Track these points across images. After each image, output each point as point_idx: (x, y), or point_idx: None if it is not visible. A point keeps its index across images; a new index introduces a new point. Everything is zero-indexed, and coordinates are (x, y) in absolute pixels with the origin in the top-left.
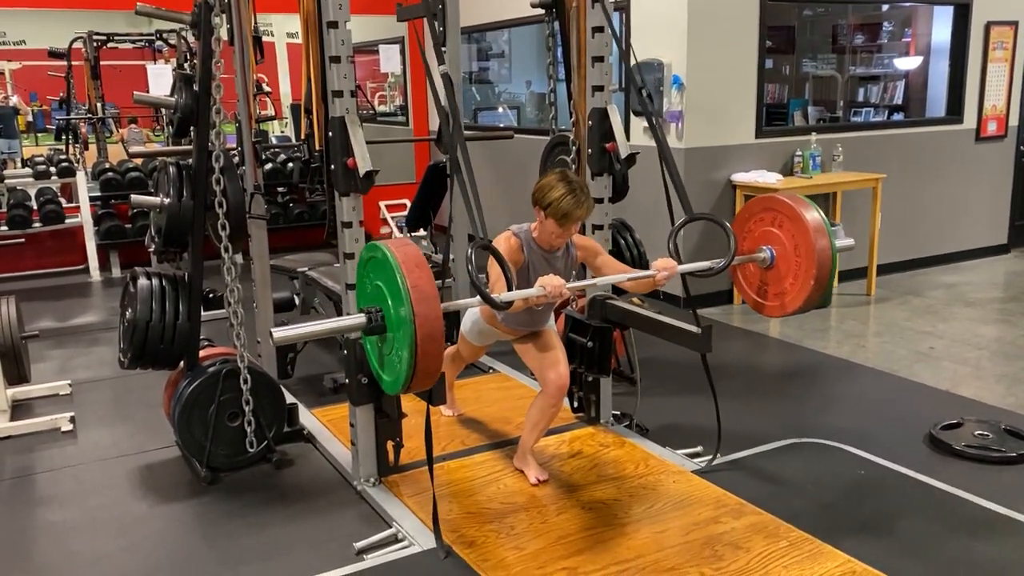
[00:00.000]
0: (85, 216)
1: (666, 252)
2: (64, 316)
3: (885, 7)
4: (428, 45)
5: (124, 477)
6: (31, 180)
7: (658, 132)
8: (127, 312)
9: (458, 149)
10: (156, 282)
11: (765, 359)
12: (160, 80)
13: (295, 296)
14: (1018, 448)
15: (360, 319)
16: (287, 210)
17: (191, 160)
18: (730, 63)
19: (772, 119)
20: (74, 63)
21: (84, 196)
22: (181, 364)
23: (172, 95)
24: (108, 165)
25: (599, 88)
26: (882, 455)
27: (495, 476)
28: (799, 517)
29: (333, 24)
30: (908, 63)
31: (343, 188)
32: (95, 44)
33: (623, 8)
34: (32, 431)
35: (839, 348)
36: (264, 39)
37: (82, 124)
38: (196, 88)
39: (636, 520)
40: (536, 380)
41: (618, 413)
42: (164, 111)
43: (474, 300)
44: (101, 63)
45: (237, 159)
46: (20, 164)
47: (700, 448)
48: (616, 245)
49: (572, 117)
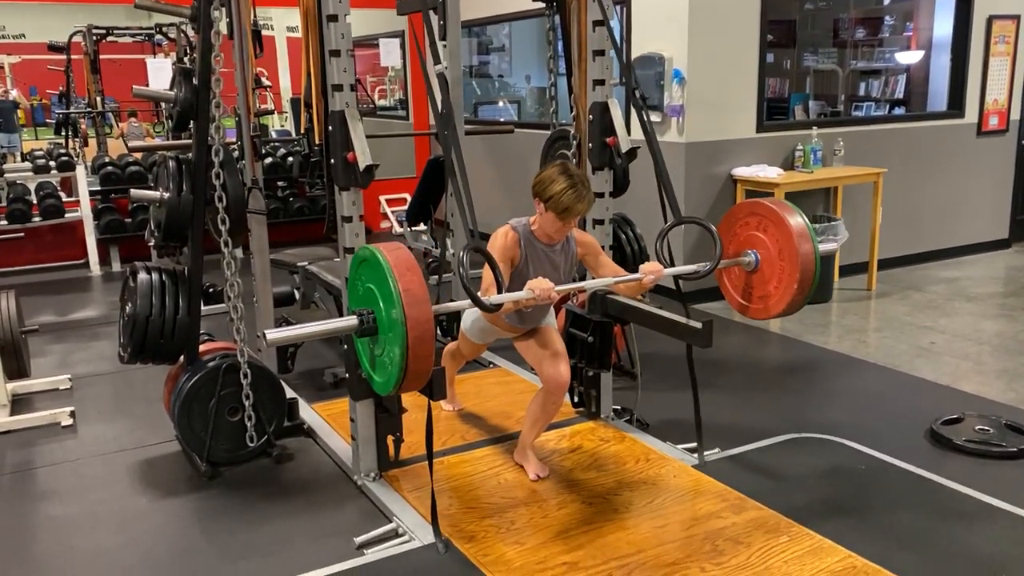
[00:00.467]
0: (85, 210)
1: (668, 246)
2: (64, 310)
3: (887, 1)
4: (426, 43)
5: (124, 472)
6: (31, 174)
7: (650, 130)
8: (127, 306)
9: (452, 151)
10: (156, 276)
11: (766, 354)
12: (160, 74)
13: (295, 291)
14: (1019, 443)
15: (352, 321)
16: (287, 204)
17: (191, 154)
18: (731, 57)
19: (773, 113)
20: (74, 57)
21: (84, 190)
22: (181, 359)
23: (171, 89)
24: (108, 159)
25: (600, 82)
26: (883, 450)
27: (495, 471)
28: (800, 512)
29: (333, 17)
30: (909, 57)
31: (343, 182)
32: (95, 38)
33: (623, 2)
34: (32, 426)
35: (840, 343)
36: (264, 33)
37: (81, 120)
38: (195, 82)
39: (636, 515)
40: (536, 375)
41: (618, 408)
42: (164, 105)
43: (465, 303)
44: (101, 57)
45: (237, 153)
46: (20, 158)
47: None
48: (617, 240)
49: (573, 111)
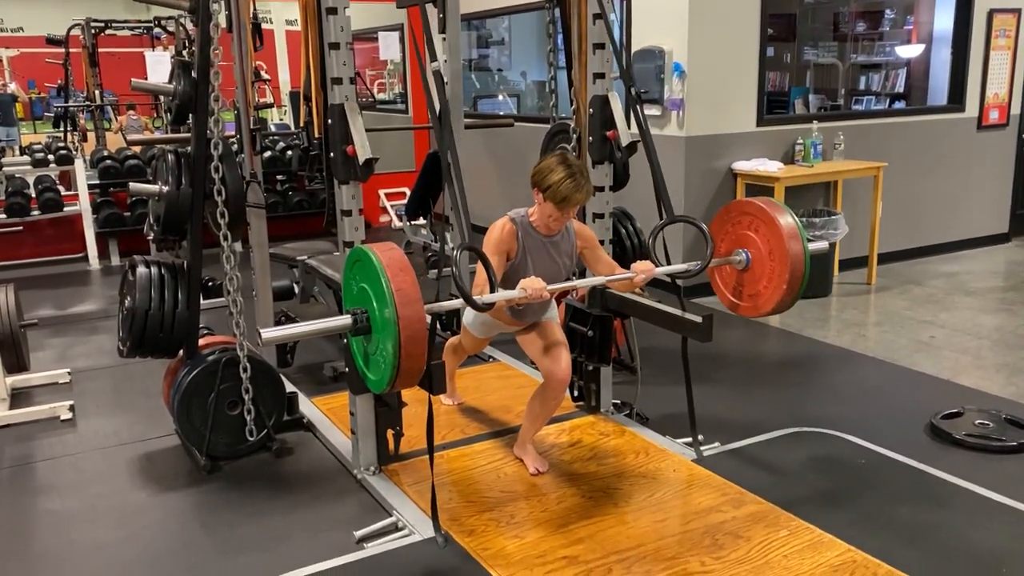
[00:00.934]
0: (84, 204)
1: (664, 244)
2: (63, 304)
3: None
4: (425, 41)
5: (123, 466)
6: (29, 168)
7: (645, 128)
8: (126, 300)
9: (448, 154)
10: (155, 270)
11: (765, 348)
12: (158, 67)
13: (295, 284)
14: (1018, 437)
15: (346, 320)
16: (286, 198)
17: (189, 148)
18: (731, 51)
19: (773, 107)
20: (72, 50)
21: (83, 184)
22: (180, 353)
23: (170, 82)
24: (107, 153)
25: (600, 75)
26: (882, 444)
27: (495, 465)
28: (799, 506)
29: (332, 10)
30: (910, 51)
31: (342, 176)
32: (93, 31)
33: None
34: (31, 419)
35: (840, 337)
36: (263, 26)
37: (80, 115)
38: (194, 75)
39: (636, 509)
40: (536, 369)
41: (618, 402)
42: (163, 99)
43: (457, 303)
44: (99, 50)
45: (236, 147)
46: (18, 152)
47: (701, 437)
48: (617, 234)
49: (573, 105)
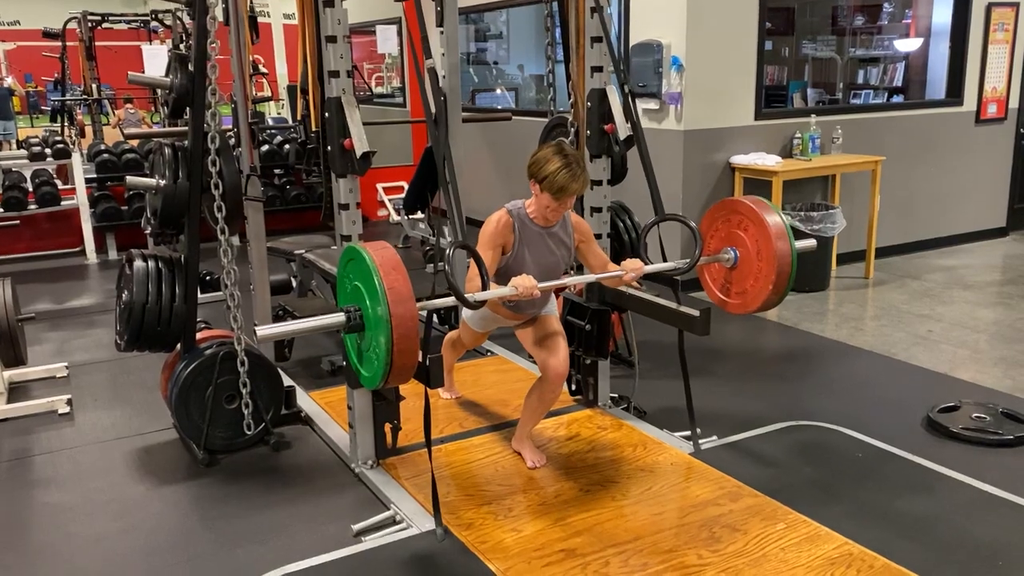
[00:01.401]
0: (81, 198)
1: (660, 240)
2: (60, 298)
3: None
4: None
5: (121, 459)
6: (26, 162)
7: (637, 124)
8: (123, 294)
9: (444, 157)
10: (152, 264)
11: (763, 342)
12: (156, 61)
13: (292, 278)
14: (1015, 431)
15: (340, 318)
16: (284, 192)
17: (187, 141)
18: (730, 45)
19: (771, 101)
20: (69, 44)
21: (80, 178)
22: (178, 347)
23: (167, 76)
24: (104, 147)
25: (598, 69)
26: (880, 438)
27: (493, 458)
28: (796, 499)
29: (329, 3)
30: (908, 45)
31: (339, 169)
32: (90, 24)
33: None
34: (29, 413)
35: (837, 331)
36: (260, 20)
37: (77, 109)
38: (191, 69)
39: (634, 502)
40: (535, 363)
41: (616, 396)
42: (160, 92)
43: (449, 300)
44: (96, 44)
45: (233, 140)
46: (15, 145)
47: (699, 430)
48: (615, 228)
49: (571, 98)
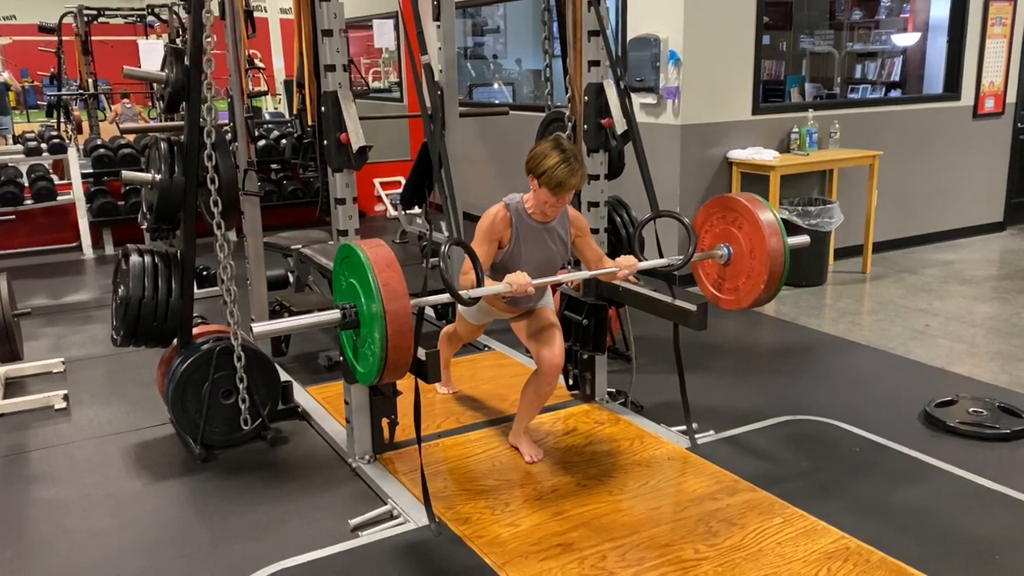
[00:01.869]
0: (77, 193)
1: (656, 235)
2: (56, 294)
3: None
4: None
5: (118, 455)
6: (22, 157)
7: (632, 120)
8: (120, 289)
9: (440, 156)
10: (149, 259)
11: (760, 337)
12: (152, 55)
13: (289, 274)
14: (1012, 425)
15: (335, 315)
16: (281, 187)
17: (183, 136)
18: (727, 39)
19: (769, 96)
20: (65, 38)
21: (76, 173)
22: (174, 342)
23: (163, 70)
24: (100, 141)
25: (595, 63)
26: (876, 432)
27: (490, 453)
28: (793, 494)
29: None
30: (906, 39)
31: (336, 164)
32: (86, 19)
33: None
34: (25, 409)
35: (834, 326)
36: (256, 14)
37: (73, 105)
38: (186, 63)
39: (631, 496)
40: (531, 358)
41: (613, 390)
42: (156, 86)
43: (443, 297)
44: (92, 38)
45: (229, 135)
46: (11, 141)
47: (696, 425)
48: (612, 223)
49: (568, 93)
